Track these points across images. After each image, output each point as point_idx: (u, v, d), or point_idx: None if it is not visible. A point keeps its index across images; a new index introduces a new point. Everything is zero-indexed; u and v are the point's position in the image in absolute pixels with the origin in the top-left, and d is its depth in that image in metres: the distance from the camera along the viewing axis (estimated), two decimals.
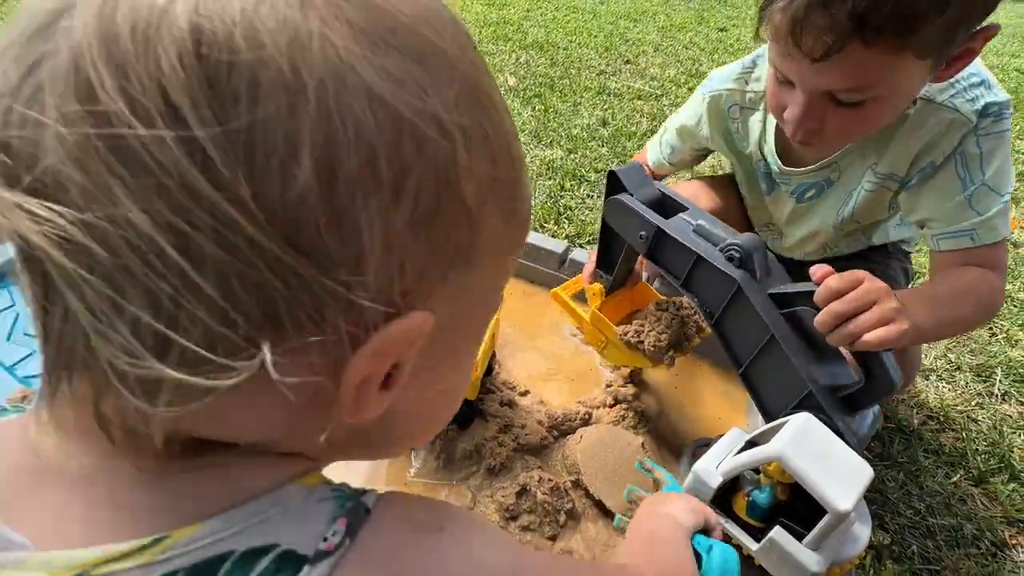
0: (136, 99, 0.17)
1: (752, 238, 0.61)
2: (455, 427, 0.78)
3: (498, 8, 3.63)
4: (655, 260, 0.67)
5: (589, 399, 0.88)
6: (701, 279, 0.63)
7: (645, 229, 0.65)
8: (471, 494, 0.72)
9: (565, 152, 1.97)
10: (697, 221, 0.65)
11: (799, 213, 0.91)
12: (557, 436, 0.81)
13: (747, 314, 0.59)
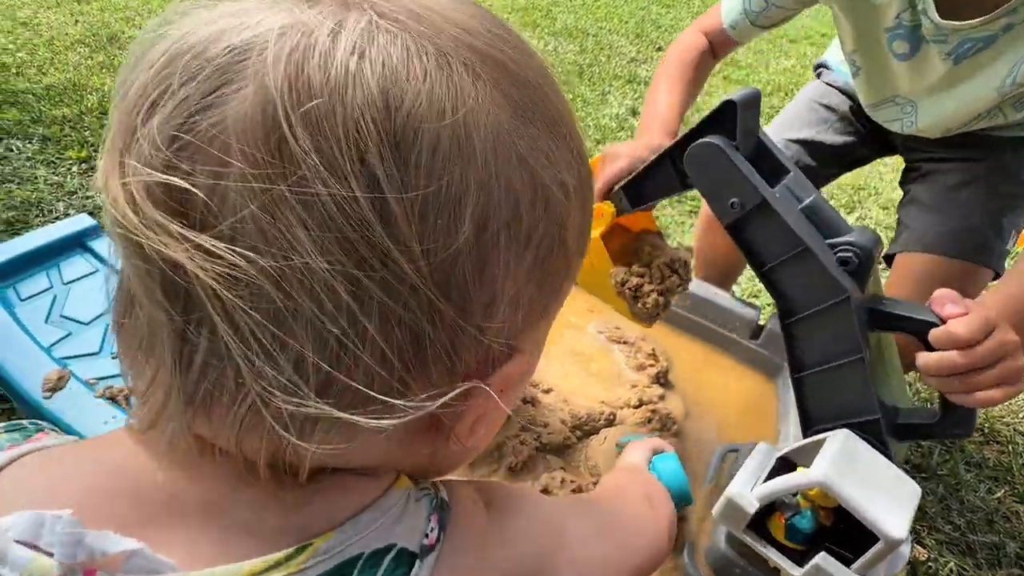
0: (330, 156, 0.17)
1: (872, 238, 0.51)
2: None
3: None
4: (737, 235, 0.54)
5: (613, 399, 0.87)
6: (795, 274, 0.51)
7: (742, 196, 0.51)
8: None
9: (592, 143, 1.92)
10: (807, 198, 0.52)
11: (954, 78, 0.72)
12: (580, 436, 0.80)
13: (839, 328, 0.50)
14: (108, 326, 1.05)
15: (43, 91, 1.91)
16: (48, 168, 1.54)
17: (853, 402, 0.53)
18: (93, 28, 2.43)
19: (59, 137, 1.67)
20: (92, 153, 1.62)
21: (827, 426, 0.55)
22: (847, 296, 0.50)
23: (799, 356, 0.56)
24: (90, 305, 1.13)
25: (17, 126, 1.70)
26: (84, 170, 1.56)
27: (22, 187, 1.45)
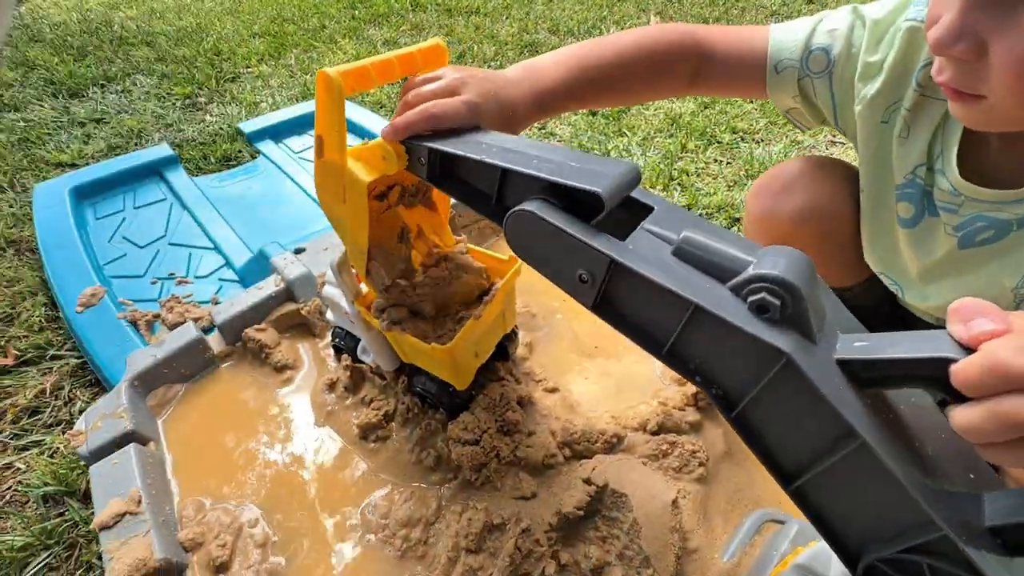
0: None
1: (790, 262, 0.31)
2: (442, 415, 0.64)
3: None
4: (611, 317, 0.38)
5: (628, 416, 0.67)
6: (703, 346, 0.34)
7: (586, 264, 0.36)
8: (436, 504, 0.58)
9: (699, 106, 1.62)
10: (682, 233, 0.35)
11: (956, 264, 0.54)
12: (568, 457, 0.62)
13: (803, 406, 0.31)
14: (158, 251, 1.06)
15: (174, 32, 2.08)
16: (157, 101, 1.67)
17: (891, 512, 0.30)
18: None
19: (174, 74, 1.80)
20: (196, 90, 1.73)
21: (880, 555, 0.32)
22: (787, 359, 0.30)
23: (777, 459, 0.34)
24: (150, 230, 1.19)
25: (145, 62, 1.86)
26: (186, 105, 1.67)
27: (132, 117, 1.58)
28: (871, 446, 0.29)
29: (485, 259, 0.60)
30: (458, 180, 0.43)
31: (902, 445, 0.31)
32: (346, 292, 0.57)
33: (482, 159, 0.39)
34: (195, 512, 0.56)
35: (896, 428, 0.32)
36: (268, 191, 1.32)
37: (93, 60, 1.87)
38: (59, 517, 0.75)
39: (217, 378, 0.71)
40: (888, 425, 0.31)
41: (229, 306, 0.72)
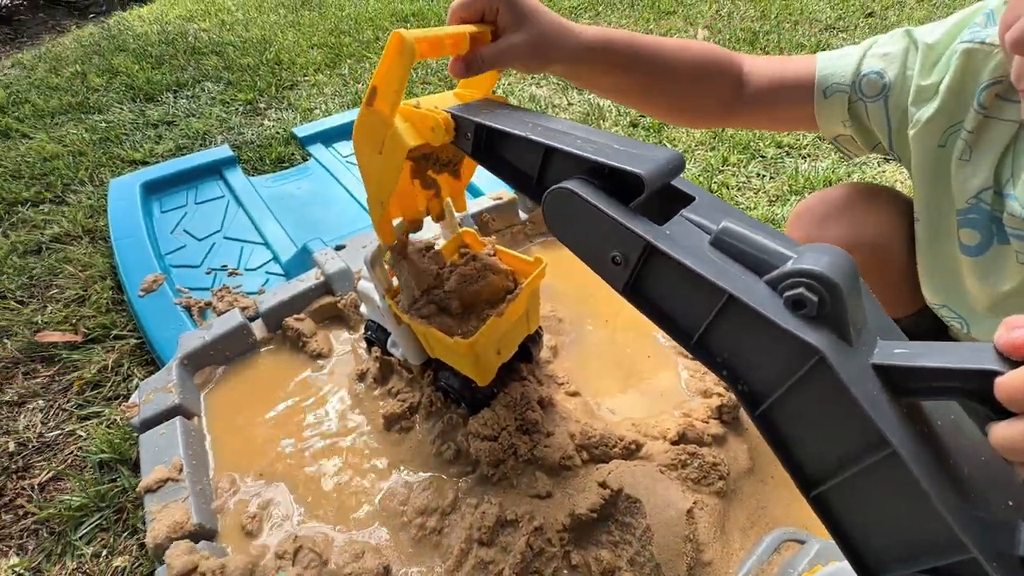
0: None
1: (833, 259, 0.30)
2: (464, 410, 0.66)
3: None
4: (640, 303, 0.38)
5: (649, 424, 0.67)
6: (733, 339, 0.34)
7: (621, 246, 0.36)
8: (453, 496, 0.59)
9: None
10: (719, 223, 0.35)
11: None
12: (586, 460, 0.63)
13: (834, 408, 0.30)
14: (214, 244, 1.14)
15: (241, 43, 2.23)
16: (222, 107, 1.79)
17: (917, 530, 0.29)
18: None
19: (238, 81, 1.93)
20: (257, 96, 1.85)
21: (900, 573, 0.31)
22: (820, 357, 0.29)
23: (800, 463, 0.33)
24: (208, 224, 1.28)
25: (214, 70, 2.01)
26: (247, 110, 1.78)
27: (199, 121, 1.70)
28: (902, 457, 0.28)
29: (512, 260, 0.62)
30: (501, 157, 0.44)
31: (936, 462, 0.30)
32: (378, 286, 0.59)
33: (528, 136, 0.40)
34: (228, 484, 0.60)
35: (931, 443, 0.31)
36: (316, 192, 1.39)
37: (168, 68, 2.03)
38: (111, 483, 0.81)
39: (257, 362, 0.75)
40: (923, 439, 0.30)
41: (272, 296, 0.77)
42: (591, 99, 1.74)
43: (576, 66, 0.51)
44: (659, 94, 0.57)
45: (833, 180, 1.31)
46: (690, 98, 0.57)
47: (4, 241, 1.23)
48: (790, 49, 1.99)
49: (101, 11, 2.82)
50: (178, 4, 2.73)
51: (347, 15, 2.50)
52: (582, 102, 1.75)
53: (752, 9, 2.38)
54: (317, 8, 2.60)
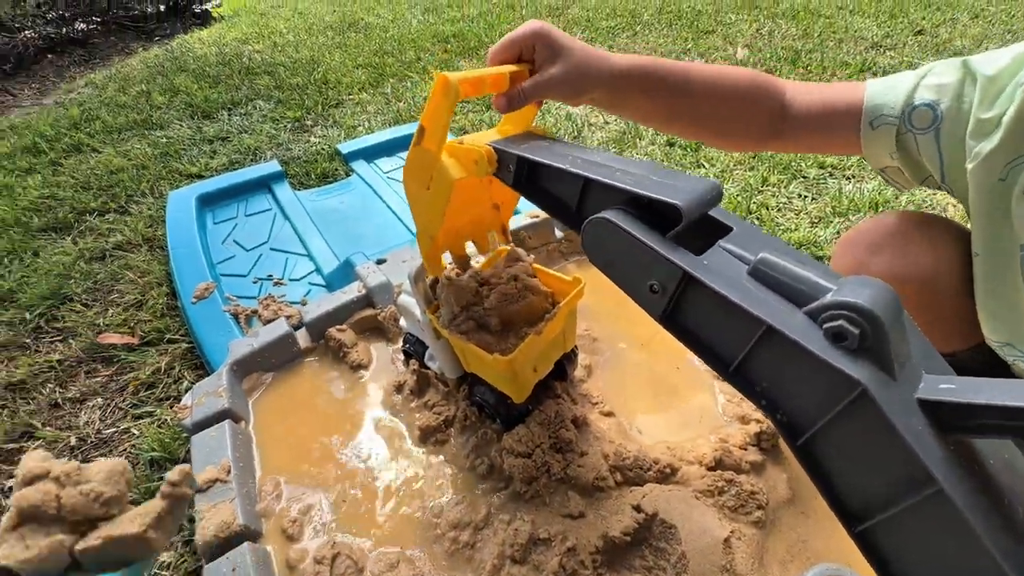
0: None
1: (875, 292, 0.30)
2: (498, 426, 0.66)
3: None
4: (678, 330, 0.38)
5: (684, 448, 0.66)
6: (772, 369, 0.33)
7: (659, 275, 0.36)
8: (486, 511, 0.60)
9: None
10: (757, 254, 0.35)
11: None
12: (620, 482, 0.62)
13: (878, 443, 0.30)
14: (261, 255, 1.19)
15: (291, 63, 2.34)
16: (271, 124, 1.88)
17: (966, 570, 0.27)
18: (343, 17, 2.91)
19: (287, 100, 2.03)
20: (304, 114, 1.93)
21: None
22: (862, 390, 0.28)
23: (842, 497, 0.32)
24: (256, 235, 1.34)
25: (265, 89, 2.12)
26: (295, 127, 1.87)
27: (250, 137, 1.80)
28: (950, 496, 0.27)
29: (550, 279, 0.63)
30: (541, 188, 0.46)
31: (988, 501, 0.29)
32: (419, 301, 0.61)
33: (567, 169, 0.42)
34: (272, 488, 0.63)
35: (982, 482, 0.30)
36: (358, 206, 1.44)
37: (224, 87, 2.15)
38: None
39: (301, 370, 0.78)
40: (973, 478, 0.29)
41: (316, 307, 0.80)
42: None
43: (612, 94, 0.52)
44: (697, 119, 0.57)
45: (879, 203, 1.27)
46: (729, 123, 0.57)
47: (73, 248, 1.32)
48: (833, 68, 1.96)
49: (166, 34, 3.02)
50: (235, 27, 2.90)
51: (390, 36, 2.60)
52: (618, 120, 1.76)
53: (794, 27, 2.35)
54: (363, 30, 2.72)
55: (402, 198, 1.44)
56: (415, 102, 1.97)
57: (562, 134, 1.70)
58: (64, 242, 1.35)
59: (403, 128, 1.72)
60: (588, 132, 1.70)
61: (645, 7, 2.73)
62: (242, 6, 3.46)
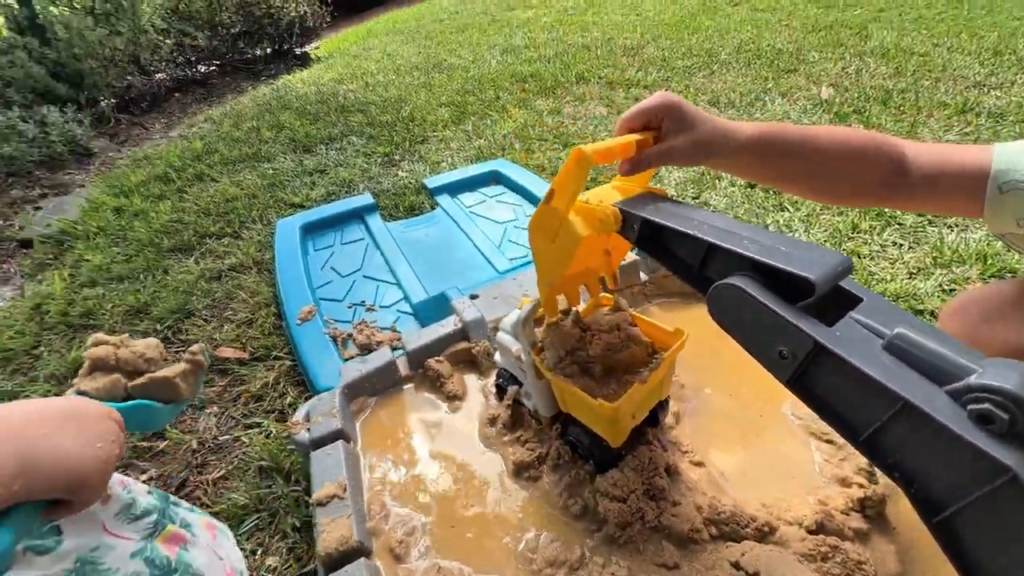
0: None
1: (1021, 377, 0.30)
2: (591, 467, 0.68)
3: (839, 10, 3.04)
4: (806, 395, 0.39)
5: (782, 507, 0.65)
6: (909, 446, 0.34)
7: (789, 343, 0.37)
8: (580, 552, 0.61)
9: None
10: (894, 328, 0.35)
11: None
12: (715, 536, 0.62)
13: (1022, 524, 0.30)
14: (354, 282, 1.29)
15: (381, 102, 2.53)
16: (364, 158, 2.04)
17: None
18: (428, 58, 3.12)
19: (378, 136, 2.19)
20: (393, 150, 2.08)
21: None
22: (1012, 475, 0.29)
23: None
24: (350, 263, 1.45)
25: (358, 126, 2.30)
26: (384, 162, 2.01)
27: (345, 170, 1.95)
28: None
29: (651, 329, 0.65)
30: (664, 248, 0.49)
31: None
32: (524, 344, 0.65)
33: (694, 234, 0.44)
34: (379, 508, 0.68)
35: None
36: (442, 238, 1.52)
37: (322, 124, 2.36)
38: (267, 488, 0.93)
39: (401, 397, 0.84)
40: None
41: (416, 338, 0.87)
42: None
43: (730, 160, 0.55)
44: (811, 179, 0.58)
45: (988, 255, 1.19)
46: (842, 180, 0.58)
47: (195, 267, 1.48)
48: (930, 108, 1.87)
49: (271, 74, 3.36)
50: (331, 68, 3.18)
51: (471, 76, 2.75)
52: None
53: (884, 66, 2.27)
54: (446, 71, 2.90)
55: (483, 232, 1.52)
56: (494, 139, 2.07)
57: None
58: (188, 262, 1.52)
59: (484, 165, 1.81)
60: (664, 172, 1.72)
61: (722, 46, 2.73)
62: (336, 48, 3.79)
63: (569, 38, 3.20)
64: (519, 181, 1.67)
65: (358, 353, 1.17)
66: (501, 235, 1.50)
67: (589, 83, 2.52)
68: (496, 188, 1.73)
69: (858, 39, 2.58)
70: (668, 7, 3.58)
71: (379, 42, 3.67)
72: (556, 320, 0.64)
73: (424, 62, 3.07)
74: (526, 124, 2.15)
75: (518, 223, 1.55)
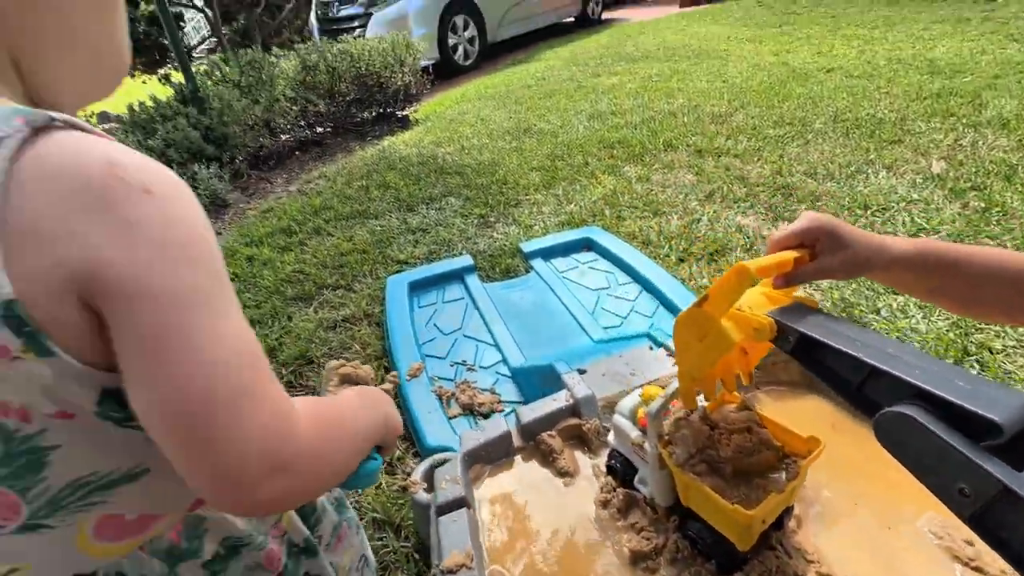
0: None
1: None
2: (712, 566, 0.68)
3: (945, 77, 2.92)
4: (984, 532, 0.38)
5: None
6: None
7: (971, 483, 0.37)
8: None
9: None
10: None
11: None
12: None
13: None
14: (456, 340, 1.37)
15: (476, 165, 2.73)
16: (461, 219, 2.19)
17: None
18: (518, 123, 3.33)
19: (474, 198, 2.35)
20: (488, 212, 2.22)
21: None
22: None
23: None
24: (451, 321, 1.54)
25: (455, 188, 2.48)
26: (480, 223, 2.15)
27: (445, 230, 2.11)
28: None
29: (781, 432, 0.65)
30: (819, 362, 0.50)
31: None
32: (652, 434, 0.68)
33: (857, 356, 0.45)
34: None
35: None
36: (538, 302, 1.59)
37: (423, 184, 2.57)
38: (380, 540, 0.99)
39: (513, 468, 0.88)
40: None
41: (530, 411, 0.91)
42: None
43: (885, 274, 0.56)
44: (968, 301, 0.58)
45: None
46: (1000, 307, 0.57)
47: (314, 316, 1.65)
48: None
49: (376, 136, 3.72)
50: (430, 132, 3.47)
51: (560, 142, 2.90)
52: None
53: (1004, 137, 2.14)
54: (536, 135, 3.08)
55: (575, 297, 1.57)
56: (584, 205, 2.15)
57: (735, 245, 1.72)
58: (308, 311, 1.69)
59: (577, 232, 1.88)
60: (761, 245, 1.70)
61: (816, 114, 2.70)
62: (432, 111, 4.14)
63: (655, 104, 3.30)
64: (612, 249, 1.73)
65: (460, 413, 1.23)
66: (594, 303, 1.55)
67: (677, 150, 2.57)
68: (589, 255, 1.79)
69: (971, 108, 2.45)
70: (755, 74, 3.61)
71: (472, 107, 3.97)
72: (684, 415, 0.66)
73: (515, 127, 3.28)
74: (615, 191, 2.22)
75: (611, 291, 1.59)
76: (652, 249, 1.79)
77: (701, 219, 1.92)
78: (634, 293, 1.56)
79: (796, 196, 1.96)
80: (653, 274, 1.56)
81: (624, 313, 1.48)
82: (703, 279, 1.59)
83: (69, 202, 0.28)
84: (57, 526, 0.34)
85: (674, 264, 1.69)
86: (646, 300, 1.52)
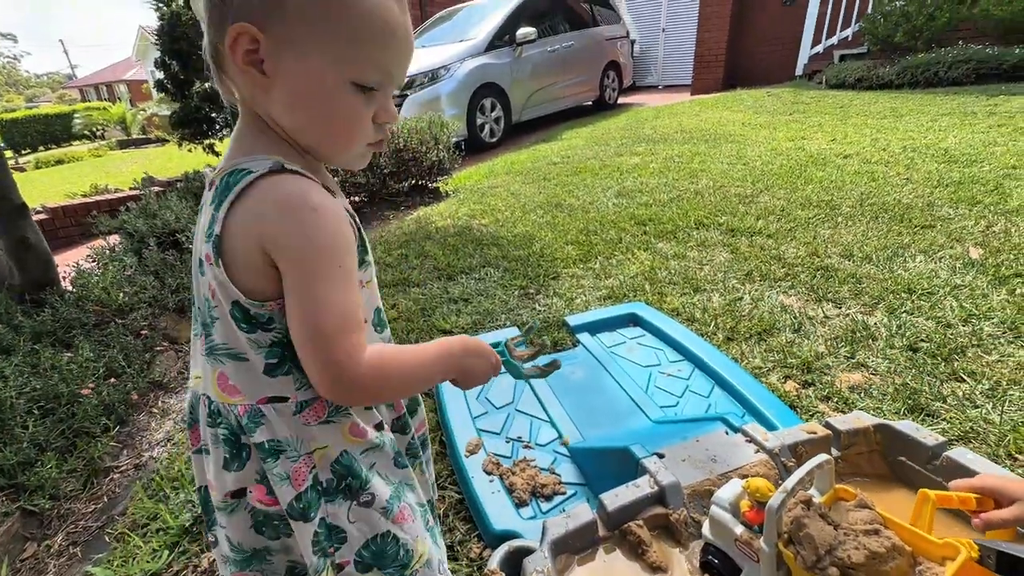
0: None
1: None
2: None
3: (962, 166, 3.04)
4: None
5: None
6: None
7: None
8: None
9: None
10: None
11: None
12: None
13: None
14: (509, 415, 1.36)
15: (512, 237, 2.81)
16: (502, 290, 2.23)
17: None
18: (549, 198, 3.47)
19: (513, 269, 2.40)
20: (528, 283, 2.26)
21: None
22: None
23: None
24: (503, 395, 1.53)
25: (494, 259, 2.54)
26: (521, 295, 2.18)
27: (487, 300, 2.14)
28: None
29: (913, 537, 0.63)
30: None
31: None
32: (770, 533, 0.65)
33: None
34: None
35: None
36: (588, 378, 1.58)
37: (461, 254, 2.64)
38: None
39: (600, 559, 0.84)
40: None
41: (614, 498, 0.88)
42: (852, 315, 1.73)
43: None
44: None
45: None
46: None
47: None
48: None
49: (409, 206, 3.88)
50: (464, 204, 3.62)
51: (592, 217, 3.00)
52: (841, 316, 1.74)
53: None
54: (567, 210, 3.19)
55: (628, 375, 1.55)
56: (623, 279, 2.19)
57: (782, 325, 1.72)
58: None
59: (622, 307, 1.90)
60: (810, 326, 1.71)
61: (842, 198, 2.80)
62: (462, 184, 4.34)
63: (679, 184, 3.44)
64: (658, 325, 1.73)
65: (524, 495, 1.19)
66: (647, 380, 1.53)
67: (708, 228, 2.64)
68: (635, 330, 1.80)
69: (996, 197, 2.53)
70: (775, 158, 3.78)
71: (501, 181, 4.16)
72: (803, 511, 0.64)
73: (545, 201, 3.41)
74: (652, 267, 2.27)
75: (661, 368, 1.58)
76: (698, 326, 1.80)
77: (743, 297, 1.94)
78: (687, 371, 1.55)
79: (837, 278, 1.98)
80: (704, 352, 1.56)
81: (679, 392, 1.46)
82: (754, 359, 1.59)
83: (271, 205, 0.49)
84: (210, 364, 0.56)
85: (723, 342, 1.69)
86: (700, 379, 1.51)
